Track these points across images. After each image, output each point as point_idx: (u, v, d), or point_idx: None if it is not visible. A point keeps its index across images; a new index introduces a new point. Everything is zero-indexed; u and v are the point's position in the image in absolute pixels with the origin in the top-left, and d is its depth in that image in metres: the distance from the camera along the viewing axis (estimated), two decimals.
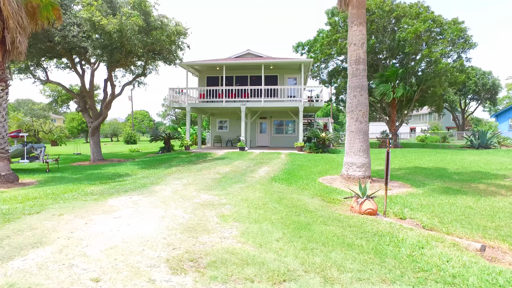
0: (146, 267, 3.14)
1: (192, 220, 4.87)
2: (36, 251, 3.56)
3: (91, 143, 15.41)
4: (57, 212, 5.27)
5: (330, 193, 7.31)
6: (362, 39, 8.50)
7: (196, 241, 3.95)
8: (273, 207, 5.66)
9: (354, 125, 8.56)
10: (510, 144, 20.99)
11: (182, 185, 8.11)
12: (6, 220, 4.75)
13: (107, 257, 3.41)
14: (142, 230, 4.40)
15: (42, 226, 4.46)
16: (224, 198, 6.45)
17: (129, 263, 3.25)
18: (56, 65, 16.37)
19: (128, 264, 3.21)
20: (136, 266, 3.17)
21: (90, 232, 4.27)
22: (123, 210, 5.52)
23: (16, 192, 7.46)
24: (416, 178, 9.56)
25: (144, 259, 3.34)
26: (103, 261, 3.30)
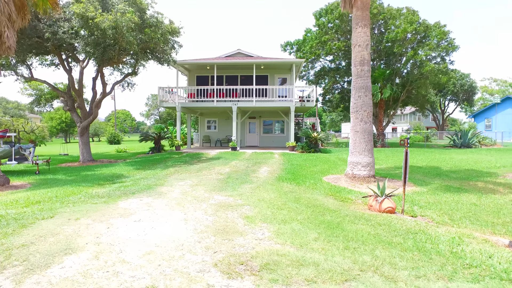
0: (197, 273, 3.04)
1: (218, 222, 4.77)
2: (70, 258, 3.37)
3: (80, 143, 14.82)
4: (72, 216, 5.02)
5: (340, 192, 7.38)
6: (366, 40, 8.65)
7: (233, 243, 3.87)
8: (294, 207, 5.65)
9: (359, 125, 8.69)
10: (489, 143, 22.07)
11: (188, 186, 7.94)
12: (21, 225, 4.47)
13: (149, 262, 3.28)
14: (171, 233, 4.27)
15: (63, 232, 4.23)
16: (240, 199, 6.37)
17: (176, 268, 3.13)
18: (40, 62, 15.61)
19: (176, 270, 3.09)
20: (185, 271, 3.06)
21: (117, 237, 4.09)
22: (140, 213, 5.34)
23: (13, 196, 7.05)
24: (415, 176, 9.83)
25: (190, 264, 3.23)
26: (147, 267, 3.16)
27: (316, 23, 24.39)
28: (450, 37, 21.17)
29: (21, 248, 3.62)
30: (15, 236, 4.02)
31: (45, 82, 14.83)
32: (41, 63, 15.70)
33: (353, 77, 8.92)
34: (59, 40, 12.05)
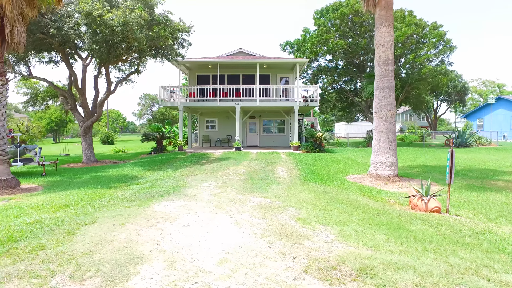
0: (293, 280, 2.86)
1: (273, 225, 4.60)
2: (144, 268, 3.13)
3: (83, 143, 14.29)
4: (115, 221, 4.74)
5: (370, 192, 7.32)
6: (390, 40, 8.63)
7: (305, 247, 3.70)
8: (339, 208, 5.52)
9: (383, 125, 8.67)
10: (485, 142, 22.61)
11: (215, 188, 7.72)
12: (67, 232, 4.17)
13: (233, 271, 3.07)
14: (232, 238, 4.06)
15: (117, 239, 3.97)
16: (278, 201, 6.20)
17: (267, 277, 2.94)
18: (38, 59, 14.98)
19: (269, 279, 2.90)
20: (279, 280, 2.88)
21: (177, 244, 3.86)
22: (183, 217, 5.10)
23: (34, 199, 6.65)
24: (434, 176, 9.87)
25: (278, 272, 3.05)
26: (235, 276, 2.96)
27: (317, 22, 24.41)
28: (447, 37, 21.60)
29: (84, 257, 3.34)
30: (70, 243, 3.73)
31: (45, 80, 14.25)
32: (39, 60, 15.07)
33: (376, 77, 8.89)
34: (64, 37, 11.55)
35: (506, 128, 28.79)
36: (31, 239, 3.90)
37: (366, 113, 25.80)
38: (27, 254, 3.41)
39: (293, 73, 22.08)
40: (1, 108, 8.32)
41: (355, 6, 21.49)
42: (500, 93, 43.59)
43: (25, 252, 3.45)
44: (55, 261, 3.21)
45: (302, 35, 26.49)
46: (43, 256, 3.34)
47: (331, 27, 23.28)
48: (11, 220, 4.85)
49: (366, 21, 22.09)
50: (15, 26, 8.21)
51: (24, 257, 3.31)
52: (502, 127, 28.78)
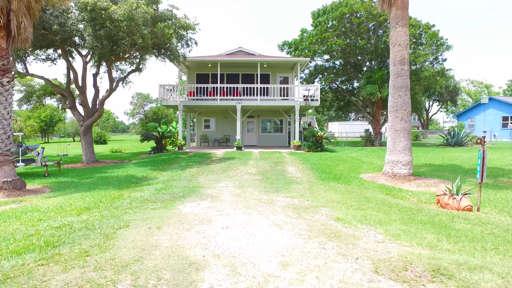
0: (368, 283, 2.76)
1: (315, 226, 4.49)
2: (206, 274, 2.97)
3: (83, 143, 13.85)
4: (150, 224, 4.54)
5: (392, 191, 7.29)
6: (406, 40, 8.64)
7: (360, 247, 3.60)
8: (374, 207, 5.46)
9: (399, 124, 8.68)
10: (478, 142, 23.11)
11: (234, 188, 7.56)
12: (105, 236, 3.96)
13: (301, 275, 2.95)
14: (279, 240, 3.94)
15: (161, 243, 3.78)
16: (306, 201, 6.10)
17: (341, 279, 2.83)
18: (35, 56, 14.45)
19: (343, 282, 2.79)
20: (355, 283, 2.77)
21: (227, 247, 3.71)
22: (218, 219, 4.93)
23: (49, 202, 6.33)
24: (444, 175, 9.96)
25: (349, 274, 2.94)
26: (308, 281, 2.83)
27: (315, 22, 24.43)
28: (441, 36, 21.96)
29: (136, 263, 3.15)
30: (114, 249, 3.53)
31: (42, 78, 13.74)
32: (36, 58, 14.53)
33: (392, 76, 8.89)
34: (67, 33, 11.15)
35: (497, 127, 29.55)
36: (70, 244, 3.67)
37: (363, 113, 26.00)
38: (74, 260, 3.19)
39: (292, 72, 22.04)
40: (7, 106, 7.94)
41: (354, 7, 21.60)
42: (488, 93, 44.83)
43: (71, 259, 3.23)
44: (108, 269, 3.01)
45: (299, 35, 26.48)
46: (93, 263, 3.13)
47: (330, 27, 23.33)
48: (37, 224, 4.58)
49: (365, 22, 22.24)
50: (22, 21, 7.85)
51: (74, 264, 3.09)
52: (492, 127, 29.51)
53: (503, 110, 29.43)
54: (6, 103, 7.90)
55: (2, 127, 7.87)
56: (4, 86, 7.87)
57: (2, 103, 7.84)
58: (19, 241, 3.79)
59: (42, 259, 3.21)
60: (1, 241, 3.82)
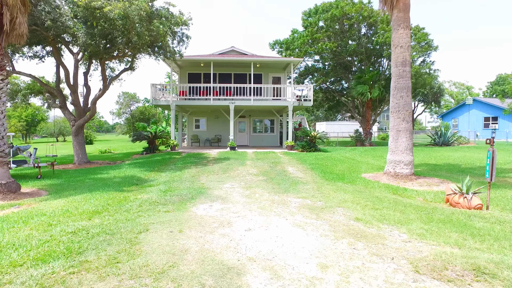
0: (414, 283, 2.77)
1: (337, 226, 4.48)
2: (249, 279, 2.90)
3: (74, 143, 13.38)
4: (171, 228, 4.42)
5: (398, 190, 7.41)
6: (407, 42, 8.80)
7: (390, 247, 3.62)
8: (388, 206, 5.51)
9: (401, 125, 8.83)
10: (463, 141, 23.92)
11: (242, 189, 7.48)
12: (128, 241, 3.81)
13: (344, 276, 2.93)
14: (308, 242, 3.91)
15: (187, 247, 3.68)
16: (319, 201, 6.10)
17: (384, 280, 2.83)
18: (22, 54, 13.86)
19: (389, 282, 2.79)
20: (401, 283, 2.77)
21: (258, 250, 3.65)
22: (237, 221, 4.86)
23: (52, 205, 6.06)
24: (441, 174, 10.22)
25: (388, 274, 2.95)
26: (354, 282, 2.82)
27: (305, 22, 24.57)
28: (429, 38, 22.59)
29: (172, 269, 3.04)
30: (143, 255, 3.40)
31: (30, 76, 13.20)
32: (22, 55, 13.93)
33: (393, 77, 9.03)
34: (60, 29, 10.73)
35: (479, 127, 30.67)
36: (94, 250, 3.51)
37: (353, 113, 26.38)
38: (106, 268, 3.05)
39: (285, 72, 22.10)
40: (1, 106, 7.56)
41: (345, 9, 21.87)
42: (469, 94, 46.48)
43: (102, 266, 3.08)
44: (145, 276, 2.89)
45: (290, 35, 26.57)
46: (127, 270, 3.00)
47: (321, 28, 23.52)
48: (49, 229, 4.37)
49: (355, 23, 22.57)
50: (17, 16, 7.49)
51: (107, 272, 2.95)
52: (475, 127, 30.58)
53: (485, 111, 30.58)
54: (0, 102, 7.52)
55: None
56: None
57: None
58: (37, 248, 3.60)
59: (71, 267, 3.05)
60: (18, 247, 3.61)
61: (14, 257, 3.32)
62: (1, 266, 3.08)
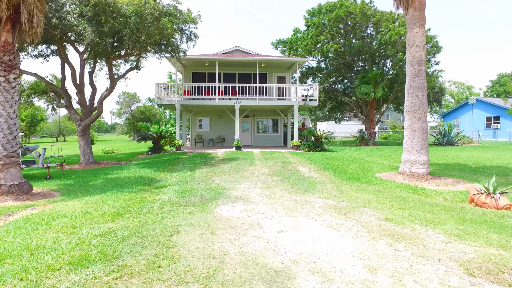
0: (472, 286, 2.68)
1: (370, 227, 4.39)
2: (300, 283, 2.81)
3: (81, 143, 13.21)
4: (202, 230, 4.31)
5: (417, 190, 7.33)
6: (423, 41, 8.74)
7: (429, 248, 3.54)
8: (415, 206, 5.43)
9: (417, 124, 8.76)
10: (467, 141, 23.95)
11: (260, 189, 7.38)
12: (162, 244, 3.70)
13: (397, 279, 2.84)
14: (345, 243, 3.82)
15: (225, 250, 3.58)
16: (342, 201, 6.01)
17: (440, 282, 2.74)
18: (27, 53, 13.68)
19: (444, 285, 2.71)
20: (457, 286, 2.68)
21: (299, 252, 3.55)
22: (266, 222, 4.76)
23: (67, 207, 5.91)
24: (454, 173, 10.17)
25: (440, 276, 2.86)
26: (409, 285, 2.72)
27: (309, 22, 24.49)
28: (435, 40, 22.61)
29: (218, 274, 2.94)
30: (183, 259, 3.28)
31: (35, 75, 13.02)
32: (27, 54, 13.74)
33: (408, 76, 8.96)
34: (67, 27, 10.57)
35: (481, 127, 30.75)
36: (129, 254, 3.39)
37: (357, 112, 26.34)
38: (148, 273, 2.93)
39: (289, 72, 22.01)
40: (14, 105, 7.42)
41: (349, 8, 21.82)
42: (470, 94, 46.65)
43: (144, 271, 2.97)
44: (193, 281, 2.79)
45: (293, 35, 26.51)
46: (171, 275, 2.89)
47: (324, 28, 23.45)
48: (74, 232, 4.24)
49: (359, 22, 22.52)
50: (34, 14, 7.34)
51: (152, 277, 2.84)
52: (477, 127, 30.66)
53: (487, 111, 30.67)
54: (12, 101, 7.38)
55: (8, 127, 7.35)
56: (11, 83, 7.35)
57: (9, 101, 7.32)
58: (69, 251, 3.48)
59: (113, 272, 2.93)
60: (49, 250, 3.49)
61: (49, 260, 3.20)
62: (39, 270, 2.96)
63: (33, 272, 2.94)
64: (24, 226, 4.50)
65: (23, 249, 3.56)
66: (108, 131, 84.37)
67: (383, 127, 38.53)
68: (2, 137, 7.32)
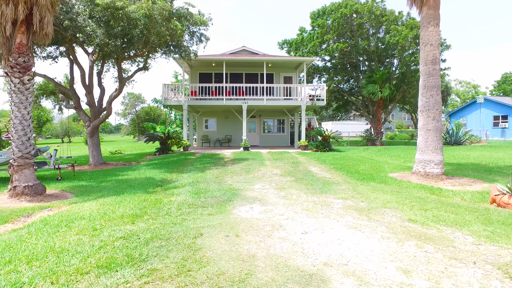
0: None
1: (394, 228, 4.31)
2: (337, 286, 2.73)
3: (90, 144, 13.23)
4: (226, 232, 4.25)
5: (434, 191, 7.23)
6: (438, 39, 8.63)
7: (460, 250, 3.45)
8: (437, 207, 5.34)
9: (431, 124, 8.66)
10: (475, 140, 23.73)
11: (274, 190, 7.32)
12: (188, 248, 3.66)
13: (435, 282, 2.77)
14: (371, 245, 3.75)
15: (252, 253, 3.52)
16: (361, 202, 5.94)
17: (480, 287, 2.66)
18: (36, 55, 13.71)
19: None
20: None
21: (328, 254, 3.48)
22: (288, 224, 4.69)
23: (83, 208, 5.88)
24: (468, 173, 10.03)
25: (479, 279, 2.78)
26: None
27: (315, 23, 24.40)
28: (443, 38, 22.45)
29: (251, 277, 2.88)
30: (213, 262, 3.23)
31: (45, 77, 13.06)
32: (36, 55, 13.78)
33: (423, 76, 8.86)
34: (78, 29, 10.58)
35: (488, 126, 30.46)
36: (156, 257, 3.34)
37: (363, 112, 26.20)
38: (180, 277, 2.88)
39: (296, 72, 21.93)
40: (28, 106, 7.42)
41: (355, 7, 21.70)
42: (476, 93, 46.38)
43: (175, 275, 2.91)
44: (227, 286, 2.73)
45: (298, 35, 26.43)
46: (204, 279, 2.84)
47: (330, 28, 23.34)
48: (96, 234, 4.20)
49: (366, 22, 22.40)
50: (45, 16, 7.35)
51: (185, 282, 2.78)
52: (484, 126, 30.38)
53: (495, 110, 30.39)
54: (26, 103, 7.38)
55: (22, 128, 7.35)
56: (25, 85, 7.35)
57: (23, 102, 7.32)
58: (94, 254, 3.43)
59: (143, 276, 2.88)
60: (74, 253, 3.45)
61: (76, 263, 3.16)
62: (68, 274, 2.92)
63: (63, 275, 2.90)
64: (45, 228, 4.47)
65: (47, 251, 3.53)
66: (112, 132, 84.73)
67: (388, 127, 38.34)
68: (17, 138, 7.32)
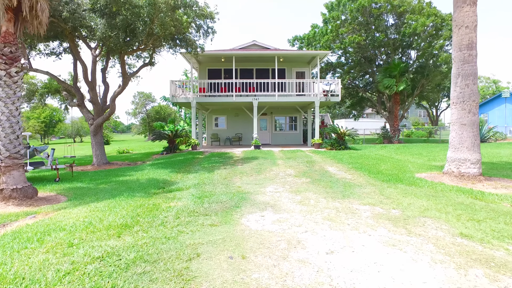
0: None
1: (446, 247, 3.36)
2: None
3: (93, 143, 12.60)
4: (230, 252, 3.39)
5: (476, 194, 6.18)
6: (475, 21, 7.54)
7: None
8: (490, 217, 4.34)
9: (467, 117, 7.58)
10: (500, 137, 22.17)
11: (289, 193, 6.43)
12: (178, 275, 2.82)
13: None
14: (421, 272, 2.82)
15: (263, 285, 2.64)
16: (393, 209, 4.97)
17: None
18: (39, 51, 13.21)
19: None
20: None
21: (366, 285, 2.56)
22: (308, 239, 3.80)
23: (69, 215, 5.11)
24: (507, 173, 8.93)
25: None
26: None
27: (329, 15, 23.24)
28: None
29: None
30: None
31: (47, 73, 12.48)
32: (39, 52, 13.26)
33: (456, 63, 7.78)
34: (78, 21, 9.90)
35: (511, 122, 28.67)
36: None
37: (379, 109, 24.92)
38: None
39: (309, 67, 20.89)
40: (16, 101, 6.72)
41: None
42: (497, 88, 44.07)
43: None
44: None
45: (311, 31, 25.33)
46: None
47: (345, 21, 22.18)
48: (69, 252, 3.40)
49: (384, 13, 21.16)
50: (38, 2, 6.62)
51: None
52: (507, 122, 28.64)
53: None
54: (14, 97, 6.68)
55: (10, 125, 6.66)
56: (12, 77, 6.65)
57: (10, 97, 6.62)
58: (54, 286, 2.62)
59: None
60: (28, 284, 2.64)
61: None
62: None
63: None
64: (12, 243, 3.70)
65: None
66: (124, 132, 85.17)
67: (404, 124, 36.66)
68: (4, 136, 6.64)
